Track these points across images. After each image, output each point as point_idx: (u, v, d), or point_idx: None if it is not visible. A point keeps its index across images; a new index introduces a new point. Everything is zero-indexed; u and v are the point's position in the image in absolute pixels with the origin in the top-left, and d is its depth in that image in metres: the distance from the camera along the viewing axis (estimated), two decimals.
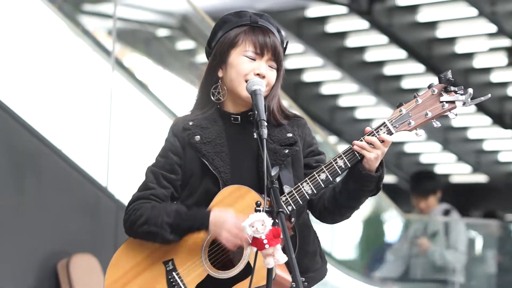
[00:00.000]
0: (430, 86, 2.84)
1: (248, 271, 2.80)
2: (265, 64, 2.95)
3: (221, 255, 2.90)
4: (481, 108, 14.83)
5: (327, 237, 9.33)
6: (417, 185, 8.01)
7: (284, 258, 2.58)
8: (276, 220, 2.63)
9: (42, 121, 5.90)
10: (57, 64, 6.50)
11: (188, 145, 2.97)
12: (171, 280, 2.91)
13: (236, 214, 2.84)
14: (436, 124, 2.85)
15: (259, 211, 2.61)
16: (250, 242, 2.59)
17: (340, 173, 2.85)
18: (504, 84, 14.68)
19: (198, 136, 2.96)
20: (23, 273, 5.46)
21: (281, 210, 2.62)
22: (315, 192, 2.85)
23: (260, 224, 2.56)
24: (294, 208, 2.84)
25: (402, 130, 2.84)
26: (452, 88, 2.82)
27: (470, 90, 2.81)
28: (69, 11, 6.99)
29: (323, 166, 2.85)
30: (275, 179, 2.68)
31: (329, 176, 2.84)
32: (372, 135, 2.83)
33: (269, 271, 2.63)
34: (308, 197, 2.85)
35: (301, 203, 2.85)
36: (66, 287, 5.50)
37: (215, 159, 2.93)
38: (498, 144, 17.07)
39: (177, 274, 2.91)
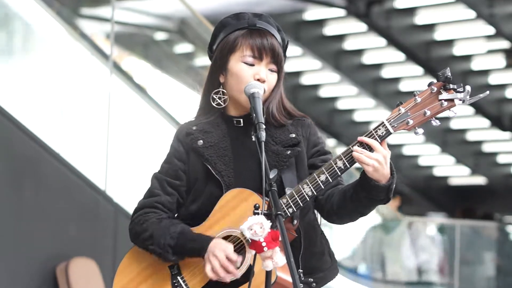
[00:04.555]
0: (429, 85, 2.83)
1: (249, 274, 2.80)
2: (265, 68, 2.94)
3: None
4: (480, 110, 14.82)
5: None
6: None
7: (283, 260, 2.58)
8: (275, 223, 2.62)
9: (41, 125, 5.91)
10: (55, 68, 6.50)
11: (191, 150, 2.96)
12: (176, 284, 2.91)
13: (239, 217, 2.82)
14: (436, 122, 2.83)
15: (258, 213, 2.61)
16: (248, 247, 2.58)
17: (339, 174, 2.82)
18: (502, 86, 14.67)
19: (201, 141, 2.95)
20: (22, 276, 5.46)
21: (279, 213, 2.61)
22: (315, 194, 2.83)
23: (259, 226, 2.56)
24: (295, 210, 2.82)
25: (401, 129, 2.81)
26: (451, 86, 2.79)
27: (468, 88, 2.80)
28: (67, 15, 6.99)
29: (323, 168, 2.83)
30: (273, 182, 2.67)
31: (329, 178, 2.82)
32: (371, 135, 2.80)
33: (268, 274, 2.63)
34: (308, 199, 2.83)
35: (301, 205, 2.83)
36: None
37: (217, 163, 2.93)
38: (497, 146, 17.07)
39: (182, 278, 2.91)
